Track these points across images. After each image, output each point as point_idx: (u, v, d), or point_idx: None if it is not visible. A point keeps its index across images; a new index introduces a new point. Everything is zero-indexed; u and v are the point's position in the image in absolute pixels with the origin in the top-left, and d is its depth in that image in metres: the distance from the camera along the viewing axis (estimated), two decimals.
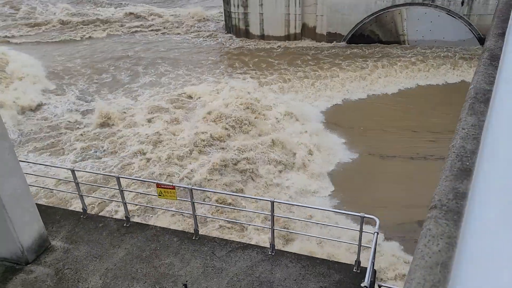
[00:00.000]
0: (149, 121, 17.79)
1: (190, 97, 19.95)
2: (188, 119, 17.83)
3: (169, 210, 11.68)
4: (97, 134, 17.23)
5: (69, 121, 18.45)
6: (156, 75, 23.75)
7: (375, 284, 7.60)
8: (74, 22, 33.70)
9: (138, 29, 32.57)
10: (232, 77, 22.87)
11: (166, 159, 14.87)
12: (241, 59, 25.87)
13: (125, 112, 18.76)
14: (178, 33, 31.56)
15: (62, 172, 14.23)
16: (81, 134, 17.18)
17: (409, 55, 25.21)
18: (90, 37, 30.95)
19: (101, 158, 15.44)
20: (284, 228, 11.58)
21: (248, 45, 28.22)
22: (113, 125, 17.66)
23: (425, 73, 23.46)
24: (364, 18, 26.81)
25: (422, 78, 23.08)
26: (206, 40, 29.88)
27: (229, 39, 29.46)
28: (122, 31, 32.20)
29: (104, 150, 16.02)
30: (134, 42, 29.61)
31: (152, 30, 32.31)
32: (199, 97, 19.53)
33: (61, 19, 34.10)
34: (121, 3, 38.96)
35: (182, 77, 23.38)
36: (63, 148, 16.40)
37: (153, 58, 26.09)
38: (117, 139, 16.71)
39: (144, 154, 15.33)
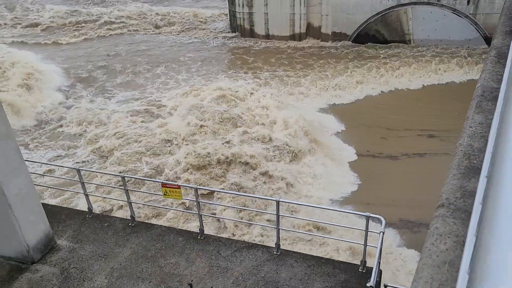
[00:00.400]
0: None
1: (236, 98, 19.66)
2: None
3: (174, 210, 11.68)
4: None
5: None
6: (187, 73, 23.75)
7: (381, 284, 7.55)
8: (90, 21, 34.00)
9: (141, 28, 32.77)
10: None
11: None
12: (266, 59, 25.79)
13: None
14: (182, 31, 31.68)
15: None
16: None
17: (415, 54, 25.08)
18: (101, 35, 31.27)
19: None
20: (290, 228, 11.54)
21: (256, 44, 28.21)
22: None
23: (430, 72, 23.33)
24: (369, 18, 26.71)
25: (427, 77, 22.97)
26: (223, 39, 29.82)
27: (237, 39, 29.43)
28: (125, 30, 32.43)
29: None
30: (139, 42, 29.71)
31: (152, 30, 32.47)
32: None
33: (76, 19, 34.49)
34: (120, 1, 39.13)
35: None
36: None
37: (173, 58, 26.08)
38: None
39: None
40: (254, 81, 22.35)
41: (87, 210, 9.50)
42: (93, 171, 13.29)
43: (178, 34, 31.46)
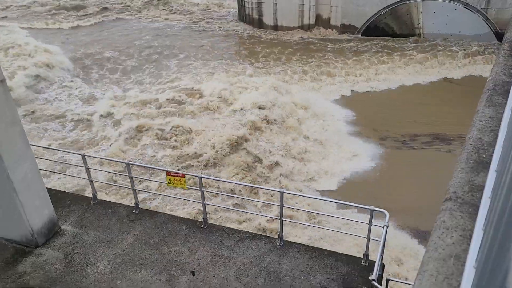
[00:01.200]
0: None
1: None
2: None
3: (178, 198, 11.69)
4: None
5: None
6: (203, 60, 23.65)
7: (383, 278, 7.52)
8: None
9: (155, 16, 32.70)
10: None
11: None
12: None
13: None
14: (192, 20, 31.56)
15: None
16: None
17: (426, 48, 24.80)
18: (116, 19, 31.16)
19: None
20: (293, 218, 11.53)
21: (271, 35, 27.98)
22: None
23: (439, 67, 23.09)
24: (380, 10, 26.40)
25: (435, 73, 22.73)
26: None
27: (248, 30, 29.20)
28: (130, 15, 32.42)
29: None
30: (143, 29, 29.61)
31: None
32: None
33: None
34: None
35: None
36: None
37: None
38: None
39: None
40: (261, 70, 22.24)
41: (91, 196, 9.53)
42: (98, 157, 13.32)
43: (188, 22, 31.28)
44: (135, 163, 11.41)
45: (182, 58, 24.45)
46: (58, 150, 12.94)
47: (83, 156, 9.16)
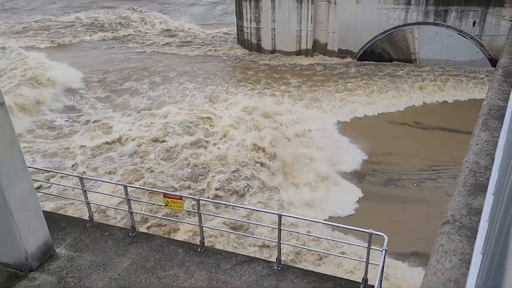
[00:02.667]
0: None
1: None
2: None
3: (175, 221, 11.59)
4: None
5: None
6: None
7: None
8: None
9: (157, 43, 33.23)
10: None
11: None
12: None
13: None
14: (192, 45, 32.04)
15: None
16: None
17: (422, 73, 25.15)
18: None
19: None
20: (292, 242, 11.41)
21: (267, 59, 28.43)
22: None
23: (434, 90, 23.36)
24: (376, 36, 26.90)
25: (430, 96, 23.01)
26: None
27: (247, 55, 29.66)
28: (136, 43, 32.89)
29: None
30: (150, 54, 30.00)
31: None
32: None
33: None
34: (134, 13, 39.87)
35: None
36: None
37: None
38: None
39: None
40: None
41: (87, 218, 9.45)
42: (96, 179, 13.26)
43: (186, 48, 31.74)
44: (132, 185, 11.36)
45: (183, 81, 24.71)
46: (56, 172, 12.89)
47: (81, 178, 9.12)
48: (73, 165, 15.83)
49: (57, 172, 13.41)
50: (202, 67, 27.04)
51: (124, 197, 9.00)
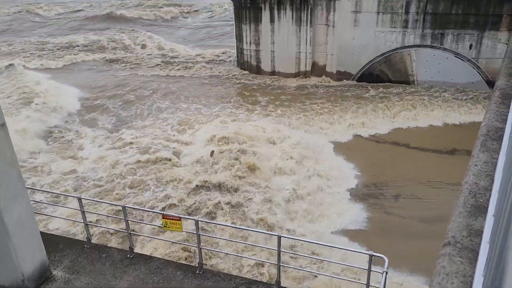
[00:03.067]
0: None
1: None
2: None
3: (174, 242, 11.48)
4: None
5: None
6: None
7: None
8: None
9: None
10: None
11: None
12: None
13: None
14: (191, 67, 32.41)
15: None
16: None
17: (419, 95, 25.39)
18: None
19: None
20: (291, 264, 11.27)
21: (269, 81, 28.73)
22: None
23: (432, 112, 23.53)
24: (374, 58, 27.25)
25: (425, 118, 23.20)
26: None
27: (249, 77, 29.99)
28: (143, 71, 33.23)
29: None
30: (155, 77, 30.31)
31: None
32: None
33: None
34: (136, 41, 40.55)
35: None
36: None
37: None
38: None
39: None
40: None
41: (85, 239, 9.36)
42: (94, 200, 13.20)
43: (188, 71, 32.09)
44: (131, 206, 11.30)
45: (191, 103, 24.96)
46: (54, 192, 12.84)
47: (79, 199, 9.09)
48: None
49: (56, 193, 13.35)
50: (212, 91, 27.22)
51: (123, 218, 8.95)
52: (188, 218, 9.24)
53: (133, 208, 12.86)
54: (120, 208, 10.16)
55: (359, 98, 25.15)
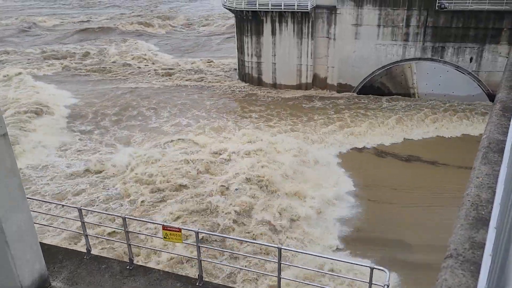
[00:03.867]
0: None
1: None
2: None
3: (174, 254, 11.41)
4: None
5: None
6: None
7: None
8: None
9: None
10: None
11: None
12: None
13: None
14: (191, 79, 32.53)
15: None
16: None
17: (421, 107, 25.42)
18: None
19: None
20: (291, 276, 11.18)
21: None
22: None
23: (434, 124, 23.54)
24: (375, 71, 27.37)
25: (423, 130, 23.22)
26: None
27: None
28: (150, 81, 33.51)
29: None
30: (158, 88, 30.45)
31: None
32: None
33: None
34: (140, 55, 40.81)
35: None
36: None
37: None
38: None
39: None
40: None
41: (85, 250, 9.29)
42: (95, 211, 13.18)
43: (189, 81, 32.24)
44: (131, 217, 11.26)
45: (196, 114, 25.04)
46: (55, 203, 12.82)
47: (80, 210, 9.05)
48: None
49: (56, 204, 13.33)
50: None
51: (123, 229, 8.90)
52: (188, 229, 9.18)
53: (133, 219, 12.81)
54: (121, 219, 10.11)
55: (366, 109, 25.21)
